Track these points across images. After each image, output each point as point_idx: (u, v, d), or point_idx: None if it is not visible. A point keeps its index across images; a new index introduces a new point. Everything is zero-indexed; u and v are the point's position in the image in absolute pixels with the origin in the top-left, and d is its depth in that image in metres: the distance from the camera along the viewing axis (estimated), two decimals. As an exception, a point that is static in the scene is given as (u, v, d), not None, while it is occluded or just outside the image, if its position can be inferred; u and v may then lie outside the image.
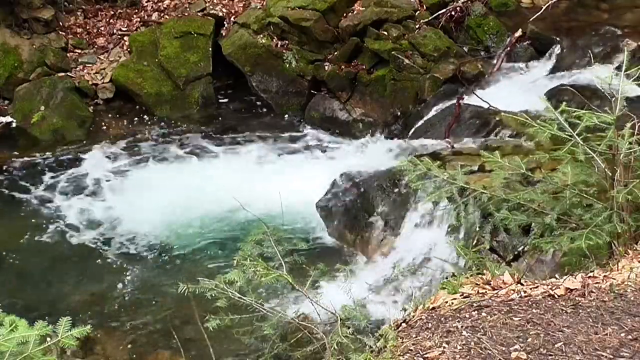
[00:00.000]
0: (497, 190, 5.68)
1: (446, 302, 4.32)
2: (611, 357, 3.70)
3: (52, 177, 11.43)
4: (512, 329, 3.93)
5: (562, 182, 5.53)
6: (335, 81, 12.42)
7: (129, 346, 8.29)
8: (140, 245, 9.90)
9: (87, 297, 9.04)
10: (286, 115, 12.70)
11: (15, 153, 11.98)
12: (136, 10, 13.68)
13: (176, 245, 9.90)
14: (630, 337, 3.84)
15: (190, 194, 10.71)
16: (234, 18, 13.23)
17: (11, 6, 12.67)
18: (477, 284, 4.54)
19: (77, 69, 12.98)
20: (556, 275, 4.77)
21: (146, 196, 10.82)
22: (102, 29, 13.47)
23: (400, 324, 4.26)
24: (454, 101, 11.09)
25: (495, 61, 11.95)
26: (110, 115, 12.76)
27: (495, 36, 12.31)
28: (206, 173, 11.34)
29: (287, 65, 12.57)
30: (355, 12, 12.72)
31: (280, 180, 9.98)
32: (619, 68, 7.23)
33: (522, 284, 4.47)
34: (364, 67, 12.35)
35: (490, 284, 4.52)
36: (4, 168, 11.65)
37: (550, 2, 12.08)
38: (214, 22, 13.09)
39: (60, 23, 13.28)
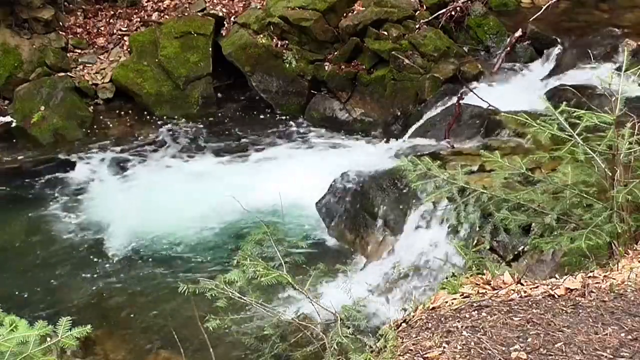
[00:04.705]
0: (497, 190, 5.68)
1: (446, 302, 4.32)
2: (611, 357, 3.70)
3: (52, 177, 11.43)
4: (512, 329, 3.93)
5: (562, 182, 5.53)
6: (335, 81, 12.42)
7: (129, 346, 8.28)
8: (140, 245, 9.89)
9: (87, 297, 9.03)
10: (286, 115, 12.69)
11: (15, 153, 11.98)
12: (136, 10, 13.69)
13: (176, 245, 9.89)
14: (630, 337, 3.84)
15: (189, 194, 10.72)
16: (234, 18, 13.24)
17: (11, 6, 12.67)
18: (477, 284, 4.54)
19: (77, 69, 12.99)
20: (556, 275, 4.76)
21: (144, 196, 10.82)
22: (102, 29, 13.47)
23: (401, 324, 4.26)
24: (454, 101, 11.09)
25: (495, 61, 11.95)
26: (110, 115, 12.76)
27: (495, 36, 12.32)
28: (206, 173, 11.33)
29: (287, 65, 12.56)
30: (355, 12, 12.72)
31: (280, 180, 9.97)
32: (619, 68, 7.22)
33: (522, 284, 4.46)
34: (364, 67, 12.35)
35: (490, 284, 4.52)
36: (4, 168, 11.65)
37: (550, 2, 12.10)
38: (214, 22, 13.09)
39: (60, 23, 13.28)
